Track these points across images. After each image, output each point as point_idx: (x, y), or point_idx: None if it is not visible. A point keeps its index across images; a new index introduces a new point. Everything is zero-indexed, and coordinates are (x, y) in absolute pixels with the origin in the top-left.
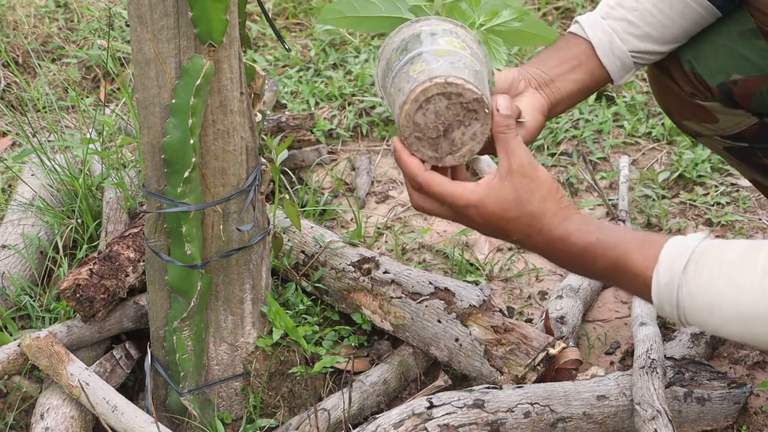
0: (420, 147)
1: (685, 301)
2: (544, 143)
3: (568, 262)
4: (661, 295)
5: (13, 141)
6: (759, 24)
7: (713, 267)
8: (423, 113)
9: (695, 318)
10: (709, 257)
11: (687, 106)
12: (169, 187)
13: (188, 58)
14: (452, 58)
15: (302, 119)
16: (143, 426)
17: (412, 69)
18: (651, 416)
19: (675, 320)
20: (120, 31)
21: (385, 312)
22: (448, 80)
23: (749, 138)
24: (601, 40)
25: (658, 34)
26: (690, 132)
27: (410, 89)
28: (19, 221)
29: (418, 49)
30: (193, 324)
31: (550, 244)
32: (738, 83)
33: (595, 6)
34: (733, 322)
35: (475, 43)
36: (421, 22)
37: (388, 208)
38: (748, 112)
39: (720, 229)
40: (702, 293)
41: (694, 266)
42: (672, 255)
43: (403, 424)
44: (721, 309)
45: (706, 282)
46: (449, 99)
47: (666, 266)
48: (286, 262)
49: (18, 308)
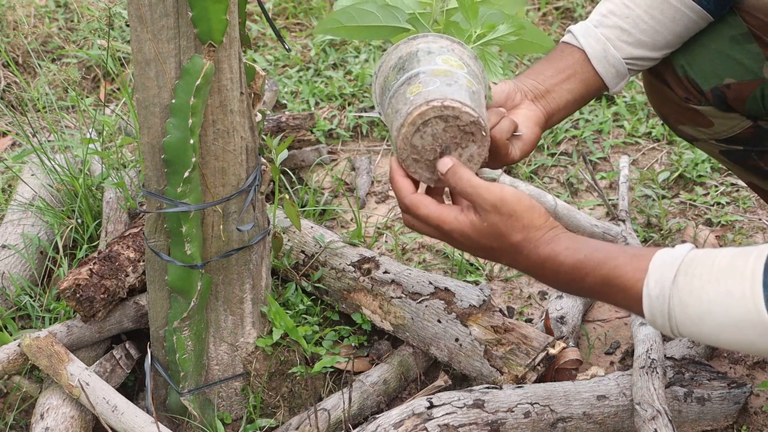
0: (417, 168)
1: (676, 311)
2: (544, 143)
3: (558, 282)
4: (652, 307)
5: (13, 141)
6: (751, 28)
7: (703, 275)
8: (420, 136)
9: (687, 328)
10: (698, 266)
11: (682, 111)
12: (169, 187)
13: (188, 58)
14: (449, 78)
15: (302, 119)
16: (143, 426)
17: (409, 90)
18: (651, 416)
19: (667, 332)
20: (120, 31)
21: (385, 312)
22: (445, 103)
23: (744, 141)
24: (594, 49)
25: (651, 40)
26: (686, 136)
27: (407, 112)
28: (19, 221)
29: (415, 69)
30: (193, 324)
31: (538, 266)
32: (731, 87)
33: (594, 6)
34: (724, 330)
35: (472, 60)
36: (418, 39)
37: (388, 208)
38: (742, 116)
39: (720, 229)
40: (693, 302)
41: (683, 276)
42: (661, 266)
43: (403, 424)
44: (712, 317)
45: (696, 291)
46: (446, 122)
47: (656, 278)
48: (286, 262)
49: (18, 308)
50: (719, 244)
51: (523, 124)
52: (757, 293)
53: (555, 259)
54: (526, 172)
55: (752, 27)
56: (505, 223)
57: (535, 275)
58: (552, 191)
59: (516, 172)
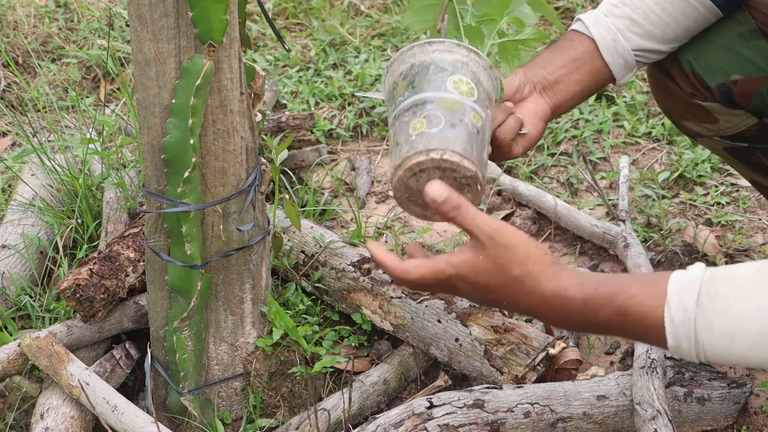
0: (410, 206)
1: (703, 335)
2: (544, 143)
3: (565, 319)
4: (677, 333)
5: (13, 141)
6: (759, 24)
7: (728, 294)
8: (416, 179)
9: (716, 350)
10: (720, 285)
11: (687, 107)
12: (169, 187)
13: (188, 58)
14: (454, 115)
15: (302, 119)
16: (143, 426)
17: (413, 125)
18: (651, 416)
19: (693, 357)
20: (120, 31)
21: (385, 312)
22: (444, 156)
23: (749, 138)
24: (605, 38)
25: (661, 32)
26: (689, 132)
27: (406, 155)
28: (19, 221)
29: (424, 94)
30: (193, 324)
31: (543, 303)
32: (738, 83)
33: (594, 6)
34: (757, 346)
35: (485, 72)
36: (434, 45)
37: (388, 208)
38: (747, 113)
39: (720, 229)
40: (722, 322)
41: (706, 297)
42: (681, 290)
43: (403, 424)
44: (744, 334)
45: (723, 310)
46: (443, 171)
47: (677, 302)
48: (286, 262)
49: (18, 308)
50: (719, 244)
51: (529, 120)
52: None
53: (563, 295)
54: (526, 172)
55: (760, 24)
56: (503, 255)
57: (540, 314)
58: (552, 191)
59: (516, 172)
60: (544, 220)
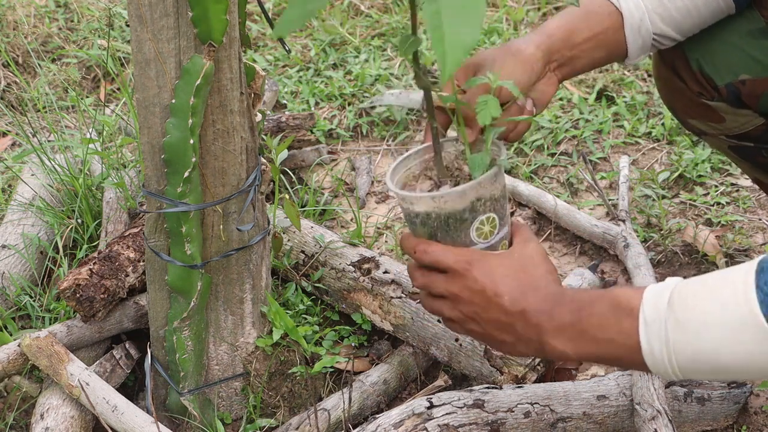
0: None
1: (672, 333)
2: (544, 143)
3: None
4: (649, 334)
5: (13, 141)
6: None
7: (697, 293)
8: None
9: (684, 351)
10: (691, 287)
11: (693, 105)
12: (169, 187)
13: (188, 58)
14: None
15: (302, 119)
16: (143, 426)
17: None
18: (651, 416)
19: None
20: (120, 31)
21: (385, 312)
22: None
23: (755, 138)
24: (633, 16)
25: (681, 19)
26: (694, 130)
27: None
28: (19, 221)
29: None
30: (193, 324)
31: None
32: (746, 83)
33: None
34: (723, 343)
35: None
36: (469, 193)
37: (388, 208)
38: (755, 113)
39: (720, 229)
40: (688, 317)
41: (677, 296)
42: (654, 294)
43: (403, 424)
44: (709, 330)
45: (690, 308)
46: None
47: (651, 303)
48: (286, 262)
49: (18, 308)
50: (719, 244)
51: (538, 101)
52: (750, 296)
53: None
54: (526, 172)
55: None
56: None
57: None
58: (552, 191)
59: (516, 172)
60: (544, 220)
